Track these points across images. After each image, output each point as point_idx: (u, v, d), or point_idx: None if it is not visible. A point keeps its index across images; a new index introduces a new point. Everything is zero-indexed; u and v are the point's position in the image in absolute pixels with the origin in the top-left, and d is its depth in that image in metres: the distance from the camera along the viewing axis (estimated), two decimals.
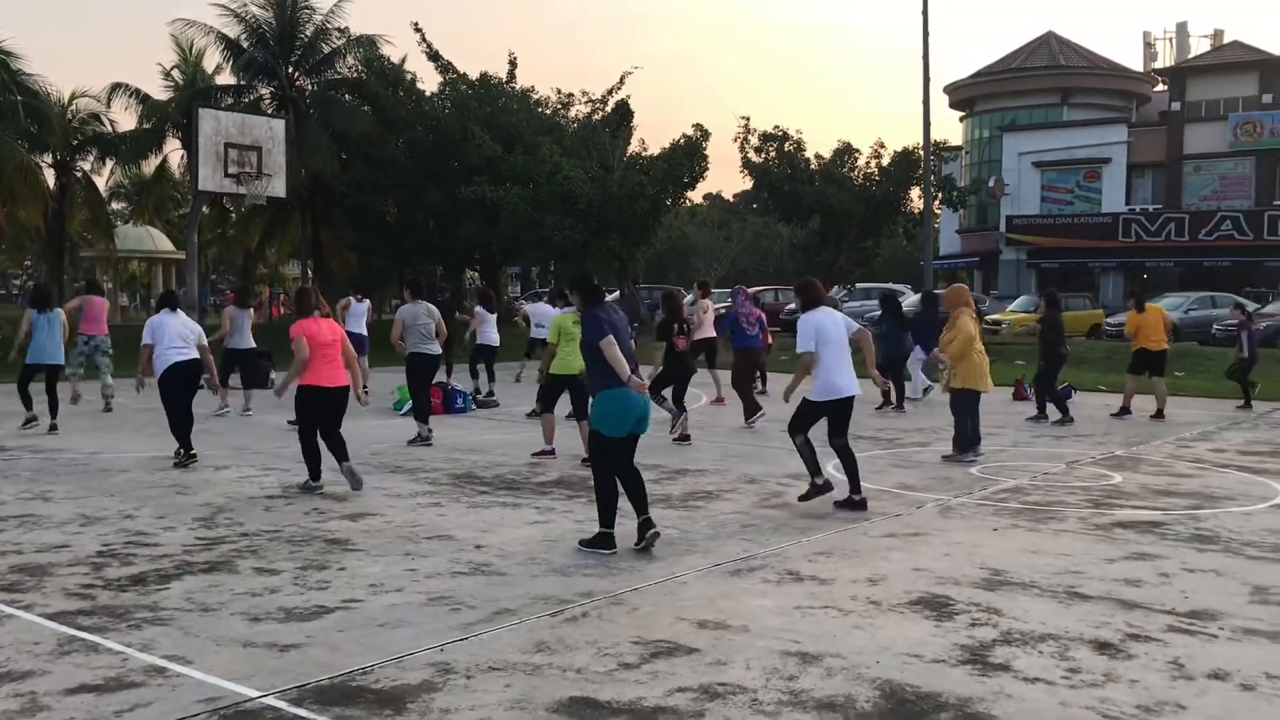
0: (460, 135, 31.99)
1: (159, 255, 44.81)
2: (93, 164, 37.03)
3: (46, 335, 12.71)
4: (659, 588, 6.11)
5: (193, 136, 17.31)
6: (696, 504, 8.62)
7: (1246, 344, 16.77)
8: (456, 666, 4.77)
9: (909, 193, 28.10)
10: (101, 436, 12.33)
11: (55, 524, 7.66)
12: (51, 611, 5.54)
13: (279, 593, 5.94)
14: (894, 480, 9.82)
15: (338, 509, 8.31)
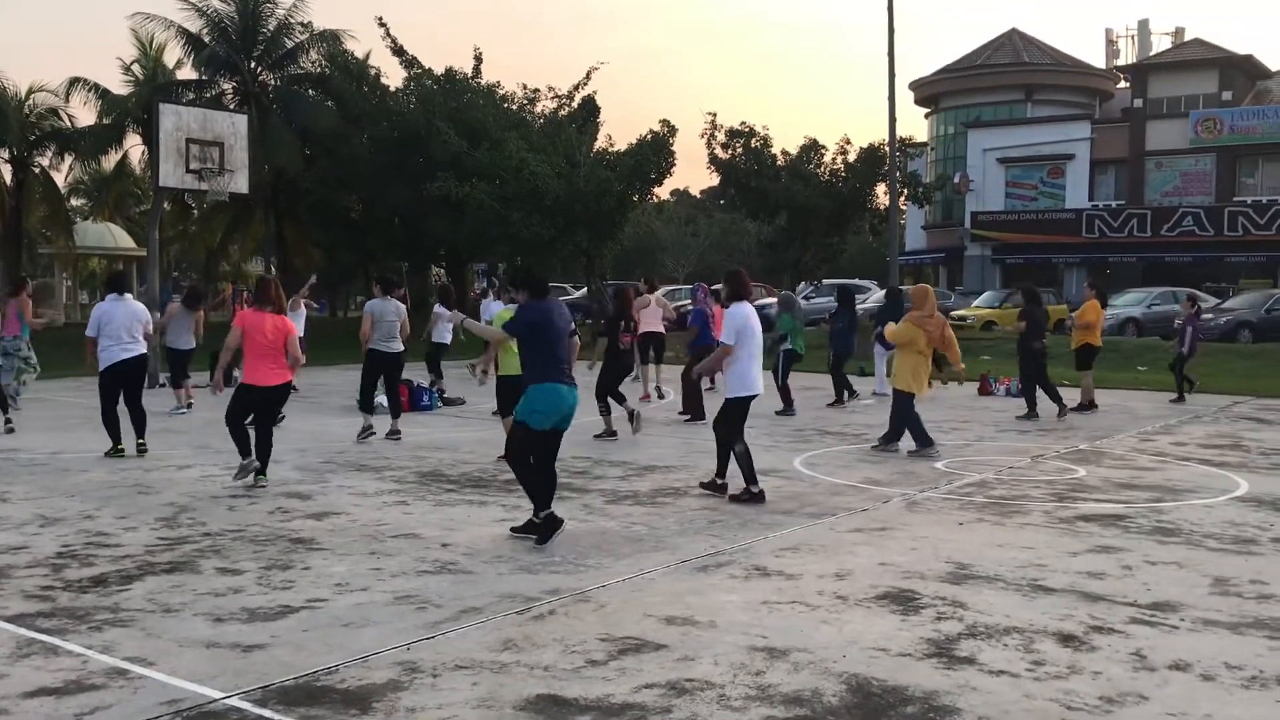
0: (425, 131, 31.83)
1: (119, 252, 44.30)
2: (51, 160, 36.59)
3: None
4: (626, 584, 6.10)
5: (153, 132, 17.06)
6: (664, 500, 8.62)
7: (1189, 339, 17.00)
8: (423, 665, 4.74)
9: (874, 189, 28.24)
10: (61, 436, 12.17)
11: (13, 525, 7.55)
12: (10, 614, 5.45)
13: (243, 593, 5.88)
14: (861, 475, 9.86)
15: (302, 508, 8.24)
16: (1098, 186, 46.48)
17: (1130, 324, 30.89)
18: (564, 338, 7.14)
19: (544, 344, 7.04)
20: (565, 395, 7.00)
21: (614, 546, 7.00)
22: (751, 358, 8.67)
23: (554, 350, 7.03)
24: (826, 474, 9.90)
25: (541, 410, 6.96)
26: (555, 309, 7.20)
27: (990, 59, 50.61)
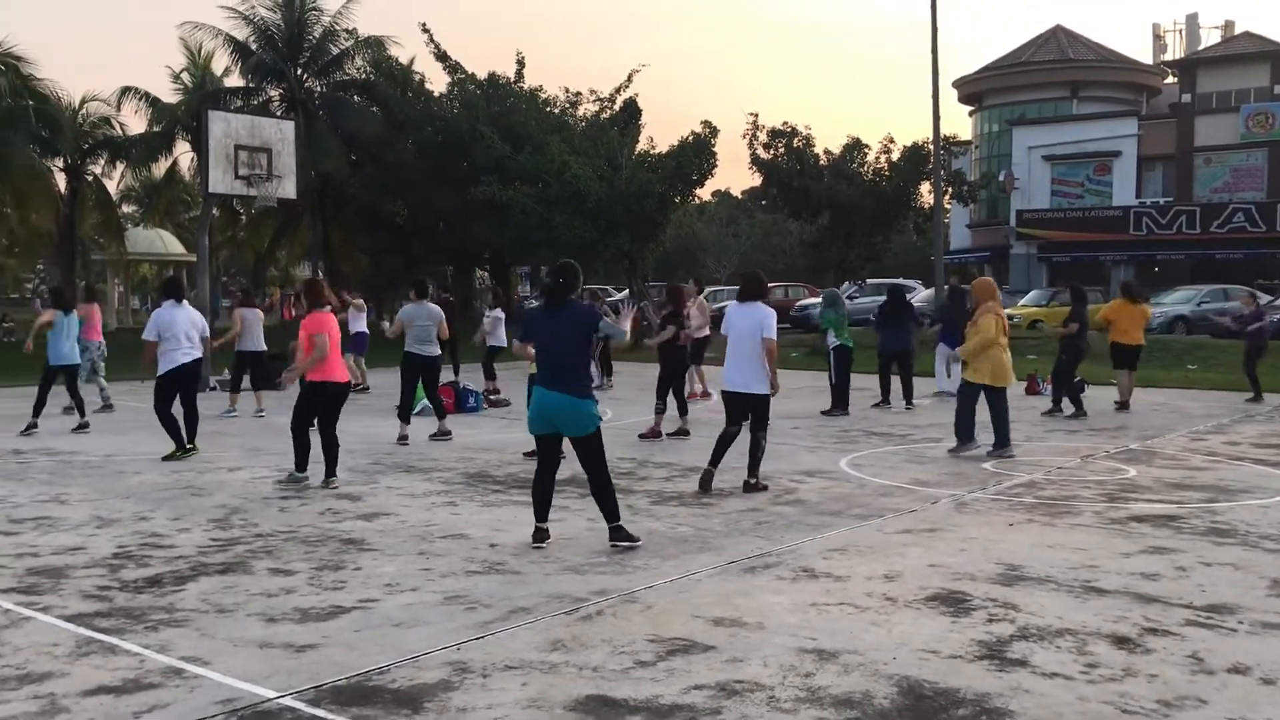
0: (469, 135, 32.05)
1: (170, 258, 44.87)
2: (103, 167, 37.22)
3: (67, 336, 12.78)
4: (673, 585, 6.10)
5: (202, 139, 17.32)
6: (709, 501, 8.61)
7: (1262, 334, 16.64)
8: (473, 665, 4.77)
9: (919, 188, 28.03)
10: (116, 439, 12.36)
11: (71, 526, 7.68)
12: (69, 613, 5.55)
13: (295, 593, 5.95)
14: (908, 476, 9.79)
15: (352, 509, 8.32)
16: (1145, 183, 45.89)
17: (1179, 322, 30.47)
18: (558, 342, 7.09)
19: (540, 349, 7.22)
20: (545, 399, 7.06)
21: (660, 548, 7.00)
22: (730, 357, 9.09)
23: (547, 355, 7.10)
24: (873, 475, 9.84)
25: (531, 415, 7.26)
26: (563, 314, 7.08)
27: (1035, 56, 50.11)
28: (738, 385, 9.02)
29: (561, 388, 6.94)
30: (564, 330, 7.01)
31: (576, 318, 7.06)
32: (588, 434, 6.99)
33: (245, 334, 14.88)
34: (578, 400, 6.93)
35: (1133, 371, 15.17)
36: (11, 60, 32.19)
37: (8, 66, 32.22)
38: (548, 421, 7.04)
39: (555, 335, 7.02)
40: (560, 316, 7.06)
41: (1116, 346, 15.14)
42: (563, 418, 6.98)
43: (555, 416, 7.00)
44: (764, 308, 9.03)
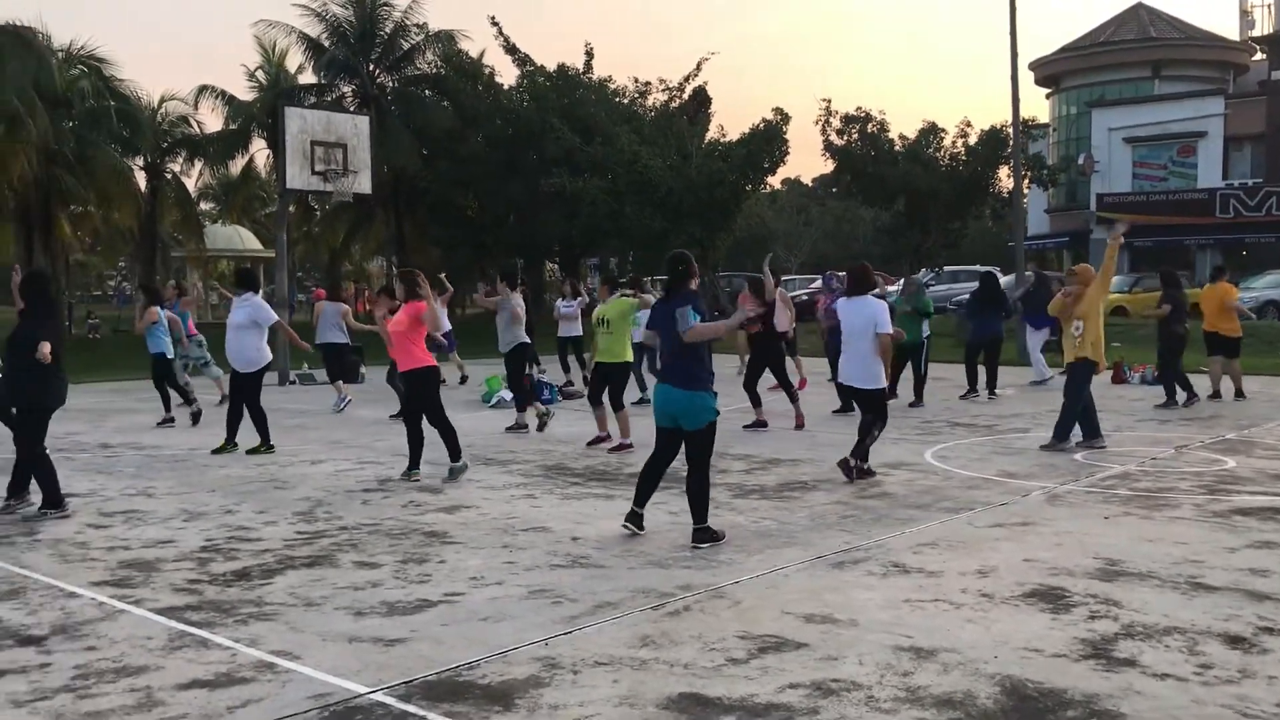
0: (539, 128, 32.13)
1: (247, 254, 45.67)
2: (182, 165, 37.99)
3: (165, 331, 13.07)
4: (760, 581, 5.99)
5: (279, 136, 17.54)
6: (792, 494, 8.47)
7: None
8: (562, 661, 4.71)
9: (997, 172, 27.45)
10: (199, 433, 12.55)
11: (159, 519, 7.79)
12: (161, 606, 5.60)
13: (381, 586, 5.95)
14: (996, 468, 9.55)
15: (433, 502, 8.33)
16: (1232, 164, 44.47)
17: (1270, 307, 29.50)
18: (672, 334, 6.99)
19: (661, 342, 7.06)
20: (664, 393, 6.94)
21: (745, 542, 6.89)
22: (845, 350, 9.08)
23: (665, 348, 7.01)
24: (960, 467, 9.62)
25: (655, 407, 7.05)
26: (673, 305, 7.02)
27: (1115, 35, 48.83)
28: (852, 380, 9.07)
29: (674, 381, 6.86)
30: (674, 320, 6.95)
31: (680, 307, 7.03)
32: (700, 428, 6.83)
33: (327, 327, 15.02)
34: (690, 394, 6.81)
35: (1230, 359, 14.63)
36: (94, 62, 32.98)
37: (90, 68, 33.03)
38: (670, 416, 6.92)
39: (669, 326, 6.93)
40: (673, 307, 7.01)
41: (1205, 334, 14.69)
42: (679, 411, 6.86)
43: (674, 411, 6.88)
44: (875, 301, 9.06)
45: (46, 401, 7.93)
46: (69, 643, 5.03)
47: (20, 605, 5.66)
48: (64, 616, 5.44)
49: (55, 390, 7.96)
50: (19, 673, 4.64)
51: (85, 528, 7.54)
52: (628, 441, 10.84)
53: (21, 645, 5.01)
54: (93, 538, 7.22)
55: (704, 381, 6.84)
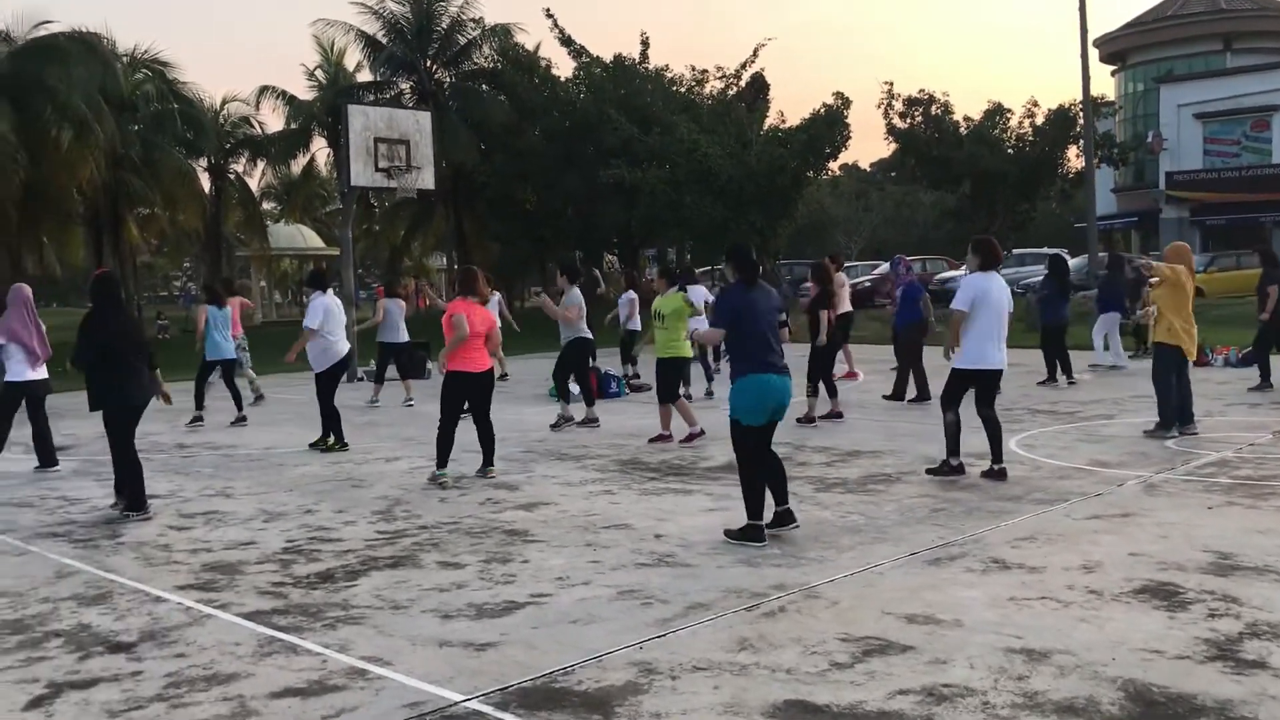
0: (596, 119, 32.00)
1: (310, 252, 46.25)
2: (244, 166, 38.48)
3: (219, 331, 13.07)
4: (855, 579, 5.79)
5: (342, 134, 17.59)
6: (877, 487, 8.24)
7: None
8: (659, 666, 4.56)
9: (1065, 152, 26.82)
10: (272, 432, 12.60)
11: (240, 520, 7.77)
12: (247, 611, 5.54)
13: (466, 588, 5.84)
14: (1086, 456, 9.25)
15: (511, 499, 8.23)
16: None
17: None
18: (772, 322, 6.79)
19: (749, 333, 6.74)
20: (775, 385, 6.67)
21: (833, 538, 6.70)
22: (983, 332, 8.30)
23: (762, 339, 6.71)
24: (1048, 456, 9.33)
25: (751, 405, 6.66)
26: (763, 294, 6.88)
27: (1183, 8, 47.58)
28: (1002, 363, 8.41)
29: (785, 370, 6.74)
30: (772, 309, 6.81)
31: (777, 299, 6.96)
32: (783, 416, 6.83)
33: (389, 325, 14.98)
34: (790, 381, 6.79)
35: None
36: (158, 65, 33.44)
37: (154, 72, 33.50)
38: (778, 409, 6.73)
39: (768, 315, 6.75)
40: (765, 295, 6.85)
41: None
42: (786, 402, 6.75)
43: (783, 401, 6.73)
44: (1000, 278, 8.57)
45: (112, 401, 7.92)
46: (158, 649, 4.98)
47: (108, 610, 5.64)
48: (152, 622, 5.40)
49: (126, 390, 7.94)
50: (111, 681, 4.59)
51: (167, 529, 7.54)
52: (697, 430, 10.66)
53: (112, 652, 4.97)
54: (175, 540, 7.21)
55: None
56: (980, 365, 8.35)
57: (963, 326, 8.32)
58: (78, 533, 7.52)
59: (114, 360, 7.91)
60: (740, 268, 6.89)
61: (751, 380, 6.65)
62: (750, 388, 6.65)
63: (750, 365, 6.67)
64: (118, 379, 7.91)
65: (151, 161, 31.08)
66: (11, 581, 6.26)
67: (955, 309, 8.38)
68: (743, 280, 6.84)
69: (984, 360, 8.34)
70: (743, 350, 6.72)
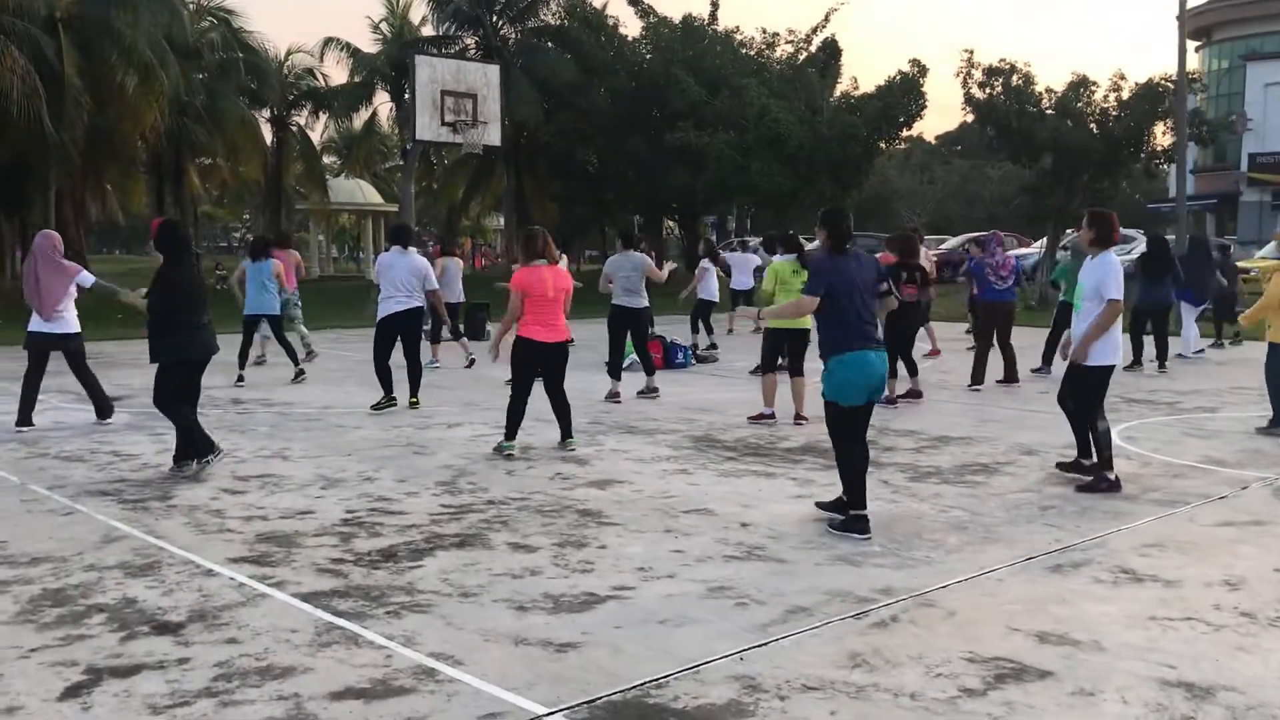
0: (663, 80, 31.27)
1: (369, 208, 45.96)
2: (307, 118, 38.24)
3: (257, 285, 12.64)
4: (971, 586, 5.23)
5: (408, 86, 17.14)
6: (974, 479, 7.64)
7: None
8: (764, 682, 4.04)
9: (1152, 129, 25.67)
10: (330, 390, 12.23)
11: (296, 486, 7.35)
12: (304, 591, 5.09)
13: (540, 575, 5.36)
14: (1197, 453, 8.57)
15: (582, 474, 7.74)
16: None
17: None
18: (869, 296, 6.21)
19: (842, 304, 6.14)
20: (872, 363, 6.08)
21: (937, 535, 6.13)
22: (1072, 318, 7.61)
23: (856, 311, 6.12)
24: (1154, 451, 8.66)
25: (846, 383, 6.09)
26: (856, 262, 6.28)
27: None
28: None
29: (881, 344, 6.18)
30: (868, 279, 6.20)
31: (873, 263, 6.31)
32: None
33: (447, 284, 14.51)
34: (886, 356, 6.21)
35: None
36: (224, 14, 33.19)
37: (220, 20, 33.25)
38: (876, 388, 6.15)
39: (863, 286, 6.16)
40: (861, 264, 6.24)
41: None
42: (883, 383, 6.19)
43: (881, 383, 6.16)
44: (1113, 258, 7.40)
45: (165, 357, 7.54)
46: (208, 633, 4.54)
47: (156, 583, 5.22)
48: (201, 599, 4.97)
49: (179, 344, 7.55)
50: (156, 669, 4.16)
51: (221, 493, 7.14)
52: (769, 412, 10.09)
53: (158, 633, 4.54)
54: (229, 505, 6.80)
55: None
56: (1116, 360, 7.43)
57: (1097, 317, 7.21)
58: (128, 492, 7.14)
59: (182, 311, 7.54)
60: (832, 233, 6.29)
61: (847, 357, 6.08)
62: (845, 365, 6.09)
63: (844, 340, 6.10)
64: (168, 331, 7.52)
65: (215, 110, 30.88)
66: (55, 545, 5.88)
67: (1113, 298, 7.13)
68: (834, 247, 6.25)
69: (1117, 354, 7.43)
70: (835, 323, 6.14)
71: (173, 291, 7.55)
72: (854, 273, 6.16)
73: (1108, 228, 7.51)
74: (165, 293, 7.55)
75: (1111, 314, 7.17)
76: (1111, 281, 7.19)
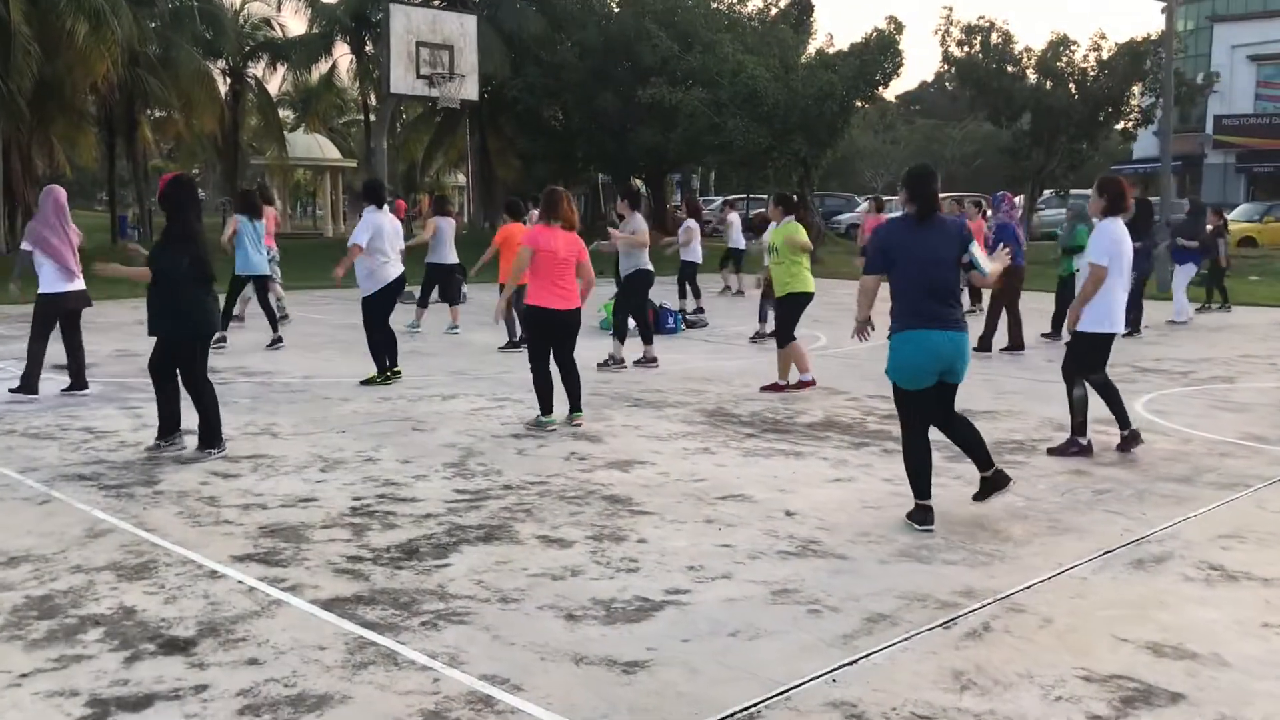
0: (634, 34, 30.51)
1: (327, 163, 44.66)
2: (264, 70, 36.95)
3: (253, 244, 11.94)
4: (1056, 586, 4.80)
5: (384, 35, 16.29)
6: (1015, 459, 7.20)
7: None
8: (866, 709, 3.59)
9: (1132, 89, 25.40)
10: (310, 358, 11.59)
11: (293, 468, 6.78)
12: (324, 597, 4.56)
13: (582, 575, 4.86)
14: (1234, 429, 8.21)
15: (598, 454, 7.23)
16: None
17: None
18: (945, 268, 5.66)
19: (907, 278, 5.63)
20: (936, 341, 5.55)
21: (999, 525, 5.70)
22: (1116, 288, 7.22)
23: (924, 286, 5.57)
24: (1188, 425, 8.31)
25: (908, 363, 5.59)
26: (938, 232, 5.67)
27: None
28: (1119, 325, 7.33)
29: (955, 324, 5.57)
30: (946, 249, 5.59)
31: (956, 233, 5.67)
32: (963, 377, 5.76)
33: (439, 244, 13.85)
34: (967, 336, 5.67)
35: None
36: None
37: None
38: (947, 370, 5.63)
39: (938, 258, 5.57)
40: (939, 232, 5.63)
41: None
42: (961, 361, 5.65)
43: (955, 363, 5.62)
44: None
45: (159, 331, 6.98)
46: (224, 651, 4.01)
47: (155, 587, 4.67)
48: (210, 608, 4.43)
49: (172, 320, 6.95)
50: (171, 698, 3.62)
51: (211, 476, 6.56)
52: (783, 383, 9.66)
53: (166, 652, 4.00)
54: (222, 491, 6.23)
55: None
56: (1113, 329, 7.22)
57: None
58: (108, 476, 6.54)
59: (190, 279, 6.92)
60: (915, 195, 5.63)
61: (908, 336, 5.58)
62: (906, 345, 5.58)
63: (905, 317, 5.59)
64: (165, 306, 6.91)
65: (169, 61, 29.64)
66: (36, 540, 5.29)
67: (1095, 263, 7.07)
68: (915, 213, 5.68)
69: (1115, 322, 7.22)
70: (898, 298, 5.63)
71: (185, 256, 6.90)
72: (927, 244, 5.58)
73: (1119, 195, 7.29)
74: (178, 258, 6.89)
75: (1093, 280, 7.06)
76: (1096, 247, 7.08)
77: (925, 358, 5.56)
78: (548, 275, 7.83)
